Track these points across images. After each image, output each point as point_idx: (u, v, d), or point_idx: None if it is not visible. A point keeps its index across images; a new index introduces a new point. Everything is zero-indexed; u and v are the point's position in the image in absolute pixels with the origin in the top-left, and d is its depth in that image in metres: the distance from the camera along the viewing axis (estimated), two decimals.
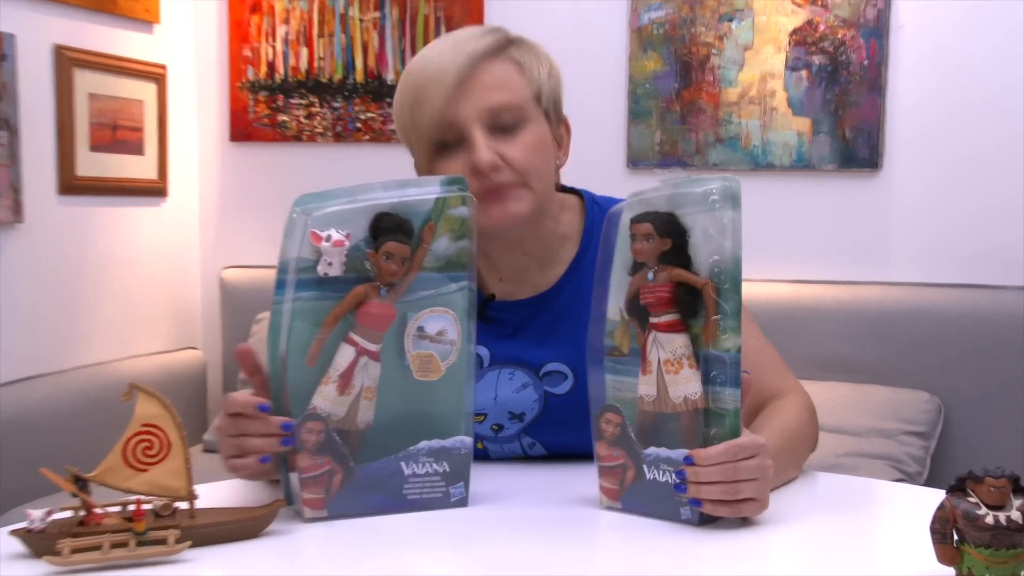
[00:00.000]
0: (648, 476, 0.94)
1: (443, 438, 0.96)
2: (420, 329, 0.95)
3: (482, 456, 1.16)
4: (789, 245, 2.28)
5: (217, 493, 0.98)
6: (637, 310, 0.95)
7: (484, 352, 1.15)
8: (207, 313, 2.64)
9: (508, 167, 1.07)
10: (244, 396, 0.93)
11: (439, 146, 1.09)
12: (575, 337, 0.98)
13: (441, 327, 0.96)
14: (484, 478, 1.04)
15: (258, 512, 0.88)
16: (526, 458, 1.17)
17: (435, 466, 0.96)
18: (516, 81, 1.09)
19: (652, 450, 0.94)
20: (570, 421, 1.11)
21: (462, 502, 0.98)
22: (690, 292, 0.92)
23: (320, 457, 0.92)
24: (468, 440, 0.97)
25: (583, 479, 1.02)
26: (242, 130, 2.58)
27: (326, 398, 0.92)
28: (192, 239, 2.62)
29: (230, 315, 2.54)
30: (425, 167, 1.11)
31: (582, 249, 1.15)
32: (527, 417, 1.15)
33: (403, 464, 0.95)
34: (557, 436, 1.15)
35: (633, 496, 0.96)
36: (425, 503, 0.96)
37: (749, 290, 1.13)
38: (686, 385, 0.91)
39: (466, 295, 0.96)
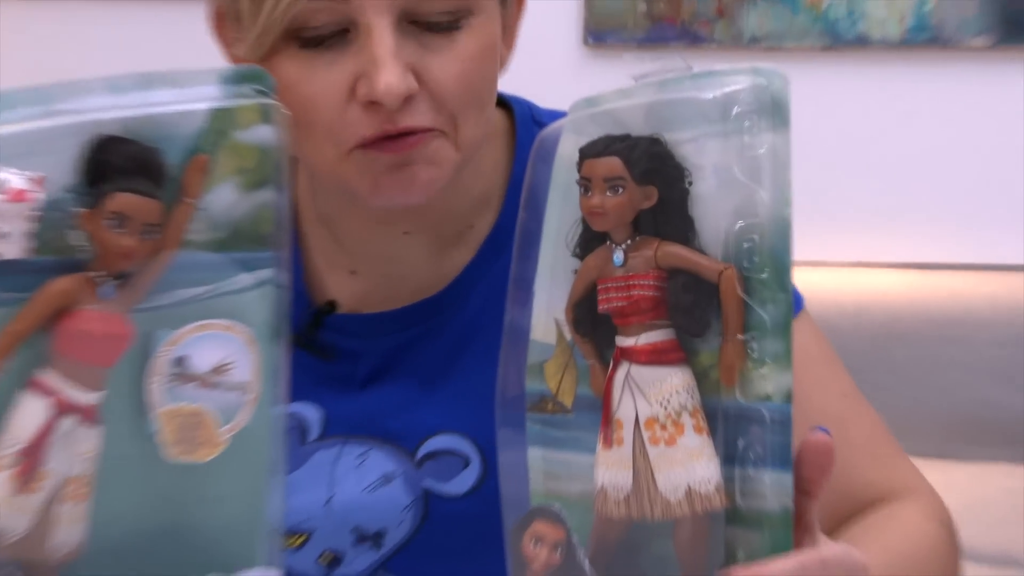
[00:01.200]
0: None
1: (226, 573, 0.97)
2: (180, 363, 0.97)
3: None
4: (898, 197, 2.33)
5: None
6: (591, 323, 0.98)
7: (311, 413, 1.21)
8: None
9: (429, 99, 1.12)
10: None
11: (297, 35, 1.12)
12: (488, 385, 1.02)
13: (221, 357, 0.97)
14: None
15: None
16: None
17: None
18: None
19: None
20: (473, 545, 1.16)
21: None
22: (694, 288, 0.94)
23: None
24: None
25: None
26: None
27: None
28: None
29: None
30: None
31: (506, 213, 1.22)
32: (390, 539, 1.20)
33: None
34: (448, 567, 1.19)
35: None
36: None
37: (813, 286, 1.22)
38: (689, 465, 0.94)
39: (270, 296, 0.98)
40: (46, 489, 0.94)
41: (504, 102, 1.26)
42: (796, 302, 1.21)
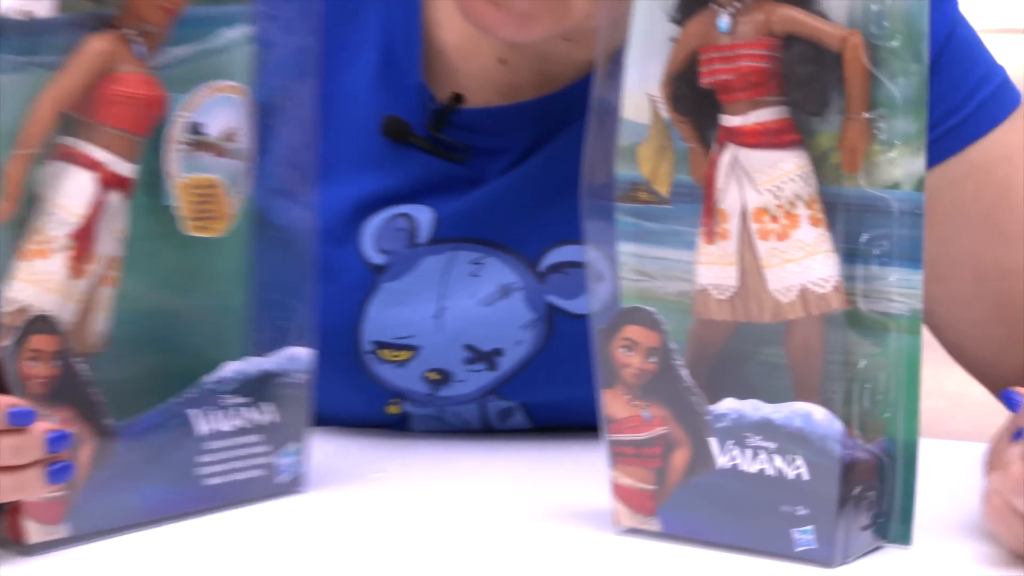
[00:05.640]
0: (721, 462, 0.94)
1: (260, 354, 1.01)
2: (196, 129, 0.96)
3: (395, 424, 1.22)
4: None
5: None
6: (692, 99, 0.93)
7: (421, 213, 1.16)
8: None
9: None
10: None
11: None
12: None
13: (230, 123, 0.98)
14: (390, 456, 1.12)
15: None
16: (487, 433, 1.22)
17: (252, 414, 1.00)
18: None
19: (730, 405, 0.93)
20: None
21: (294, 484, 1.03)
22: (813, 58, 0.90)
23: (56, 409, 0.90)
24: (302, 356, 1.02)
25: (593, 470, 1.02)
26: None
27: (44, 282, 0.91)
28: None
29: None
30: None
31: None
32: (506, 359, 1.17)
33: (197, 414, 0.98)
34: (567, 393, 1.16)
35: (686, 504, 0.95)
36: (237, 490, 1.00)
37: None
38: (804, 262, 0.92)
39: (245, 46, 0.98)
40: (93, 273, 0.93)
41: None
42: (1007, 93, 1.18)
